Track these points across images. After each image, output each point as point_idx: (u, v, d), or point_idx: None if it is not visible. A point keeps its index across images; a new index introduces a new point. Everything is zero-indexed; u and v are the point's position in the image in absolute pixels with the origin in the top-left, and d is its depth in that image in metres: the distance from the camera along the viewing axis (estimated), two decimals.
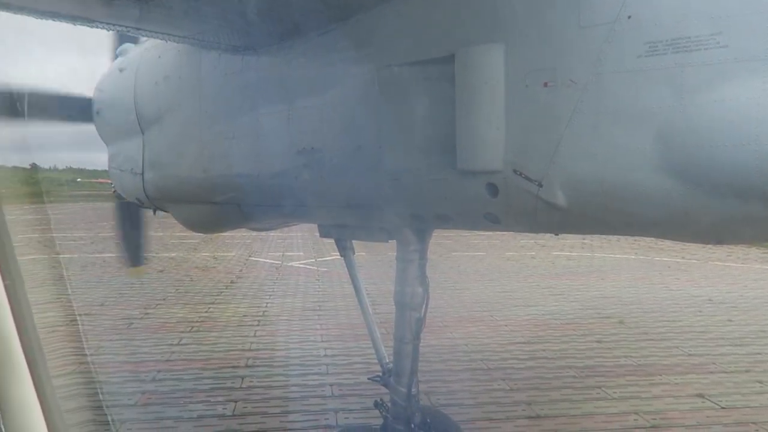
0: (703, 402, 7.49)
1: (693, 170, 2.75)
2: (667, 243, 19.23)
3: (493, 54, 3.22)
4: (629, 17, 2.82)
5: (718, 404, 7.40)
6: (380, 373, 5.34)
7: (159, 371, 8.42)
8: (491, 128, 3.23)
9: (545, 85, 3.06)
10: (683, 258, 19.97)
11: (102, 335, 10.19)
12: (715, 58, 2.65)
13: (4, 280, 1.26)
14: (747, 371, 8.68)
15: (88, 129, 6.55)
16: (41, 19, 3.92)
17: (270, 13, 3.98)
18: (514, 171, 3.22)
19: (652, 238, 3.65)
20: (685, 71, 2.71)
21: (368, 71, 3.88)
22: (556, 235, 3.98)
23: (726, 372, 8.65)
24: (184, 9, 3.81)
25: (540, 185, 3.14)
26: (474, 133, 3.32)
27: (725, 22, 2.63)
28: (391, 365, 5.04)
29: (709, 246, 19.60)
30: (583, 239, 23.57)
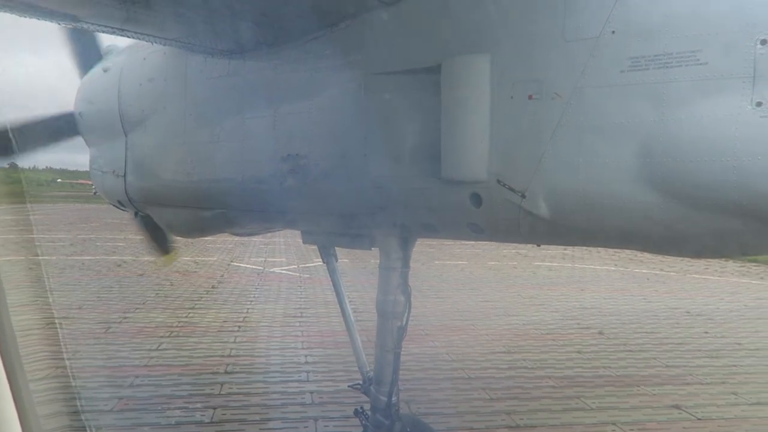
0: (679, 413, 7.57)
1: (673, 184, 2.80)
2: (647, 255, 19.48)
3: (479, 64, 3.25)
4: (613, 32, 2.88)
5: (694, 415, 7.49)
6: (361, 381, 5.32)
7: (137, 377, 8.30)
8: (476, 138, 3.26)
9: (530, 97, 3.10)
10: (662, 270, 20.23)
11: (79, 339, 10.02)
12: (695, 74, 2.71)
13: None
14: (722, 383, 8.81)
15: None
16: (25, 16, 3.87)
17: (257, 18, 3.98)
18: (498, 181, 3.25)
19: (633, 250, 3.70)
20: (666, 86, 2.77)
21: (355, 78, 3.89)
22: (539, 245, 4.02)
23: (702, 384, 8.76)
24: (172, 12, 3.80)
25: (523, 196, 3.17)
26: (459, 142, 3.34)
27: (705, 40, 2.69)
28: (371, 373, 5.03)
29: (688, 259, 19.89)
30: (564, 250, 23.75)
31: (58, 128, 6.41)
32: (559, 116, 3.01)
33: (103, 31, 4.19)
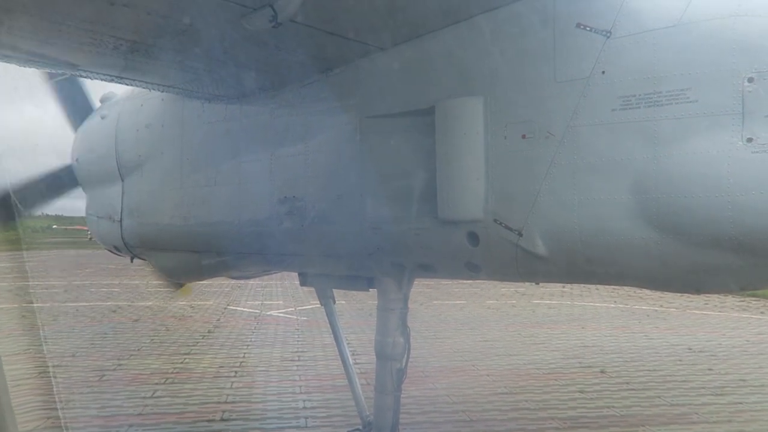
0: None
1: (668, 220, 2.81)
2: (646, 291, 19.38)
3: (472, 106, 3.30)
4: (603, 73, 2.94)
5: None
6: (360, 426, 5.21)
7: (131, 426, 8.11)
8: (471, 178, 3.29)
9: (523, 137, 3.14)
10: (662, 306, 20.10)
11: (73, 388, 9.82)
12: (685, 112, 2.76)
13: None
14: (729, 421, 8.63)
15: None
16: (25, 67, 3.94)
17: (254, 64, 4.06)
18: (495, 220, 3.26)
19: (631, 287, 3.68)
20: (658, 124, 2.81)
21: (350, 122, 3.94)
22: (537, 284, 4.01)
23: (708, 422, 8.59)
24: (170, 60, 3.87)
25: (520, 234, 3.18)
26: (454, 183, 3.37)
27: (694, 79, 2.75)
28: (371, 418, 4.93)
29: (687, 294, 19.77)
30: (563, 287, 23.64)
31: (60, 182, 6.44)
32: (552, 155, 3.04)
33: (102, 79, 4.26)
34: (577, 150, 2.99)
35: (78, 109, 6.58)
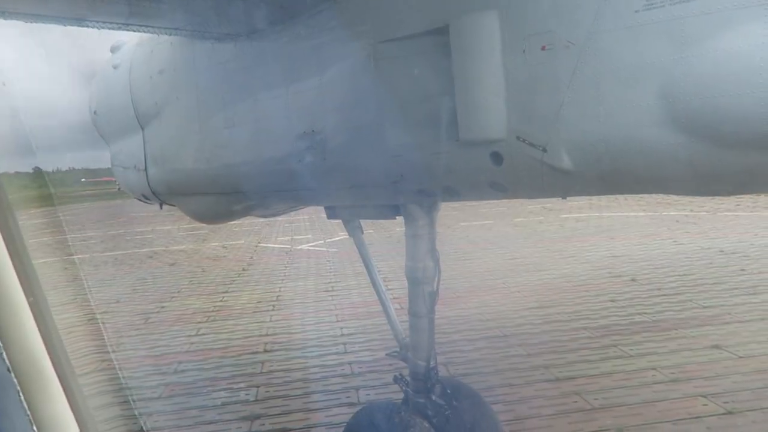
0: (720, 353, 7.53)
1: (698, 122, 2.72)
2: (675, 197, 19.16)
3: (487, 21, 3.17)
4: None
5: (735, 354, 7.44)
6: (398, 348, 5.39)
7: (180, 362, 8.55)
8: (491, 96, 3.21)
9: (543, 48, 3.02)
10: (692, 211, 19.90)
11: (121, 331, 10.33)
12: (713, 5, 2.60)
13: (27, 298, 1.25)
14: (762, 319, 8.70)
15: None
16: (29, 22, 3.89)
17: None
18: (518, 138, 3.20)
19: (661, 194, 3.63)
20: (684, 22, 2.67)
21: (363, 49, 3.84)
22: (564, 198, 3.98)
23: (741, 321, 8.67)
24: (173, 1, 3.78)
25: (544, 150, 3.12)
26: (474, 102, 3.29)
27: None
28: (407, 340, 5.09)
29: (718, 197, 19.45)
30: (590, 199, 23.48)
31: None
32: (574, 65, 2.93)
33: (109, 28, 4.19)
34: (599, 58, 2.87)
35: None
